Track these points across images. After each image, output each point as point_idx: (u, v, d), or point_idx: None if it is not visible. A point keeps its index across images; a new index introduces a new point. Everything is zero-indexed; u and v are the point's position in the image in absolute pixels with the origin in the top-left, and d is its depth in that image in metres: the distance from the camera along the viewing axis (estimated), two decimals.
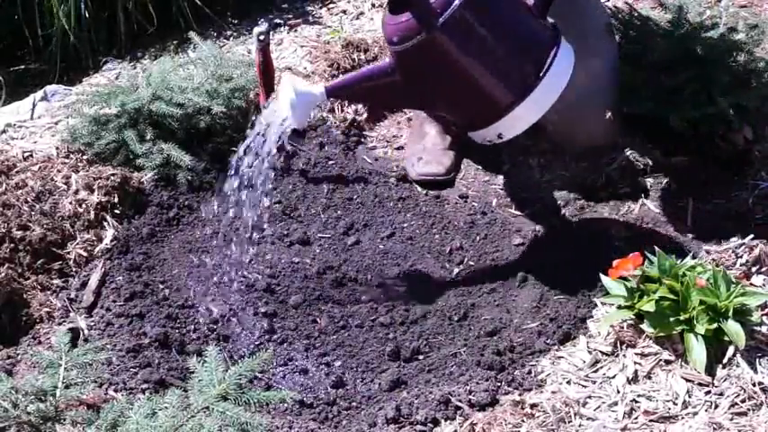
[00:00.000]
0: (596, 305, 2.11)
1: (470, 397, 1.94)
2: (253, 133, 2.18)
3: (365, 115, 2.80)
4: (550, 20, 2.10)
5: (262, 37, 2.42)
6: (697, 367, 1.90)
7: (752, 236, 2.21)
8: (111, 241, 2.32)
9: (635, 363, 1.95)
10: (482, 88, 2.04)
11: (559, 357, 2.02)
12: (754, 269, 2.14)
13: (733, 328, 1.89)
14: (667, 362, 1.94)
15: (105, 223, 2.36)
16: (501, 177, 2.59)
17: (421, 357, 2.12)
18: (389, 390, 2.03)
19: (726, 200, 2.40)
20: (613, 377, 1.94)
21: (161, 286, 2.24)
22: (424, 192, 2.56)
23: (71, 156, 2.48)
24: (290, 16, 3.25)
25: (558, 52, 2.02)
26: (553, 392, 1.92)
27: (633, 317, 1.99)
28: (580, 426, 1.85)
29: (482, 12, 1.98)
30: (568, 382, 1.95)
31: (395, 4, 2.02)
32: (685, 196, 2.43)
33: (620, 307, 2.01)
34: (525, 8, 2.07)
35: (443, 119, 2.63)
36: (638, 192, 2.46)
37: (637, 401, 1.88)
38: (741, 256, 2.17)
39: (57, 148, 2.51)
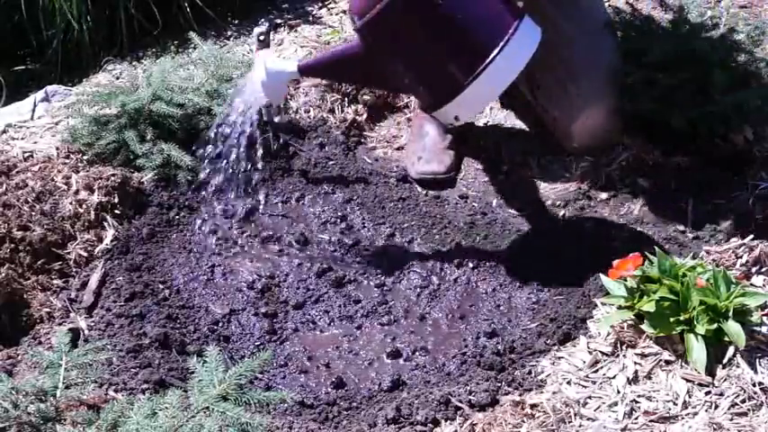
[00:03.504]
0: (596, 305, 2.11)
1: (470, 397, 1.94)
2: (232, 112, 2.30)
3: (365, 115, 2.80)
4: (520, 2, 2.10)
5: (262, 37, 2.42)
6: (697, 367, 1.90)
7: (752, 236, 2.21)
8: (112, 241, 2.32)
9: (635, 363, 1.95)
10: (438, 63, 2.03)
11: (559, 358, 2.02)
12: (754, 269, 2.14)
13: (733, 328, 1.89)
14: (667, 362, 1.94)
15: (105, 223, 2.36)
16: (501, 177, 2.59)
17: (421, 357, 2.12)
18: (389, 390, 2.03)
19: (726, 200, 2.40)
20: (613, 377, 1.94)
21: (161, 286, 2.24)
22: (424, 192, 2.56)
23: (71, 156, 2.48)
24: (291, 16, 3.25)
25: (518, 31, 2.00)
26: (553, 393, 1.92)
27: (633, 317, 1.99)
28: (580, 426, 1.85)
29: None
30: (568, 383, 1.95)
31: None
32: (685, 196, 2.43)
33: (620, 307, 2.01)
34: None
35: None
36: (638, 192, 2.46)
37: (637, 402, 1.88)
38: (741, 256, 2.17)
39: (57, 149, 2.51)
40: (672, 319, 1.93)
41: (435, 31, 2.01)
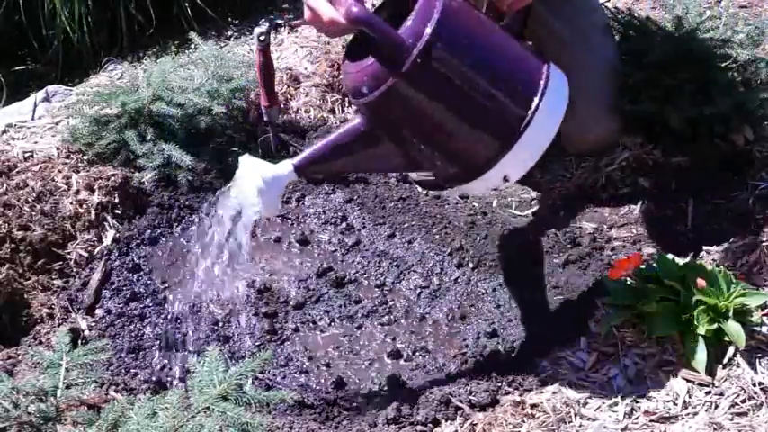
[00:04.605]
0: (597, 305, 2.11)
1: (471, 397, 1.94)
2: (212, 224, 1.99)
3: None
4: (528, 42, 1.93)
5: (262, 37, 2.42)
6: (697, 367, 1.90)
7: (752, 236, 2.21)
8: (112, 242, 2.33)
9: (635, 363, 1.95)
10: (473, 129, 1.79)
11: (559, 358, 2.02)
12: (754, 269, 2.14)
13: (733, 328, 1.90)
14: (667, 362, 1.94)
15: (106, 224, 2.36)
16: None
17: (421, 357, 2.12)
18: (390, 390, 2.03)
19: (726, 200, 2.39)
20: (614, 377, 1.94)
21: (161, 287, 2.24)
22: (425, 192, 2.56)
23: (72, 156, 2.48)
24: (291, 17, 3.25)
25: (551, 73, 1.81)
26: (553, 393, 1.92)
27: (633, 317, 1.99)
28: (580, 426, 1.85)
29: (460, 42, 1.73)
30: (569, 383, 1.95)
31: (354, 48, 1.78)
32: (685, 196, 2.43)
33: (620, 307, 2.02)
34: (506, 33, 1.85)
35: None
36: (638, 192, 2.46)
37: (637, 402, 1.89)
38: (741, 256, 2.17)
39: (57, 149, 2.51)
40: (672, 320, 1.93)
41: (466, 92, 1.74)
